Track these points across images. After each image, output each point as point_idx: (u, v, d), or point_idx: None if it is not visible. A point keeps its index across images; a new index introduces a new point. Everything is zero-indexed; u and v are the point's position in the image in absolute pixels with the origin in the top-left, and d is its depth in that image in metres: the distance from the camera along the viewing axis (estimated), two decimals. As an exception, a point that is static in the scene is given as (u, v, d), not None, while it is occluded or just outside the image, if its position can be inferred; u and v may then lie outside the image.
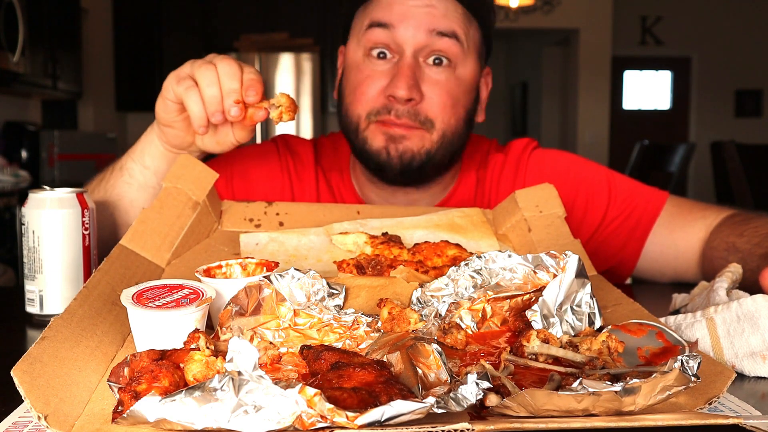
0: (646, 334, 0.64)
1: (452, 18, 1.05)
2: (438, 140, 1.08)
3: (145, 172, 1.07)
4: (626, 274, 1.22)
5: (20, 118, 4.60)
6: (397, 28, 1.05)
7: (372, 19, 1.07)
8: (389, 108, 1.06)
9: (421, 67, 1.06)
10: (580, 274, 0.67)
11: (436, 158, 1.10)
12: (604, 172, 1.23)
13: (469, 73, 1.10)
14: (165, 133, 1.01)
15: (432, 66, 1.06)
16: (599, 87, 7.19)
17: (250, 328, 0.65)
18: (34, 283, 0.89)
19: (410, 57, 1.05)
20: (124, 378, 0.53)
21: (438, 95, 1.06)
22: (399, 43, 1.05)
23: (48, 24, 4.37)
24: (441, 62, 1.06)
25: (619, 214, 1.19)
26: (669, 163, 4.08)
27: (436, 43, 1.05)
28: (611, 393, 0.48)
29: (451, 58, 1.06)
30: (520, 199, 1.00)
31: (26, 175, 3.82)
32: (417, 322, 0.66)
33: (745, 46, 8.16)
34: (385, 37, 1.06)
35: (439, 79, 1.06)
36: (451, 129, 1.09)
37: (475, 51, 1.11)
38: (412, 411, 0.45)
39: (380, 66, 1.07)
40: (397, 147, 1.07)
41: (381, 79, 1.06)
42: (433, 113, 1.06)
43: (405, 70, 1.04)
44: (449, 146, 1.11)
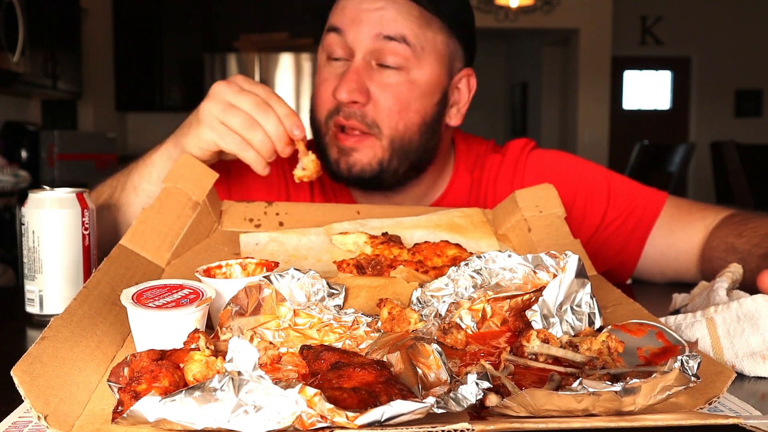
0: (646, 334, 0.64)
1: (403, 22, 1.04)
2: (388, 147, 1.07)
3: None
4: (627, 274, 1.22)
5: (20, 118, 4.60)
6: (347, 33, 1.05)
7: (329, 24, 1.08)
8: (339, 110, 1.06)
9: (371, 70, 1.06)
10: (580, 274, 0.67)
11: (390, 167, 1.08)
12: (603, 173, 1.22)
13: (426, 77, 1.07)
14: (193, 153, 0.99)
15: (382, 69, 1.06)
16: (599, 87, 7.19)
17: (250, 328, 0.65)
18: (34, 283, 0.89)
19: (359, 60, 1.05)
20: (124, 378, 0.53)
21: (385, 99, 1.05)
22: (350, 46, 1.06)
23: (48, 24, 4.37)
24: (390, 66, 1.05)
25: (618, 215, 1.19)
26: (669, 163, 4.08)
27: (384, 47, 1.04)
28: (611, 393, 0.48)
29: (401, 63, 1.05)
30: (520, 199, 1.00)
31: (26, 175, 3.82)
32: (417, 322, 0.66)
33: (745, 46, 8.16)
34: (338, 41, 1.06)
35: (389, 82, 1.05)
36: (400, 135, 1.07)
37: (434, 53, 1.08)
38: (412, 411, 0.45)
39: (335, 69, 1.08)
40: (347, 160, 1.08)
41: (333, 81, 1.07)
42: (379, 117, 1.06)
43: (349, 74, 1.04)
44: (402, 153, 1.08)
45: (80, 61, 4.96)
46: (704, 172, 7.30)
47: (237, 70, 5.64)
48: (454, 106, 1.15)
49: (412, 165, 1.11)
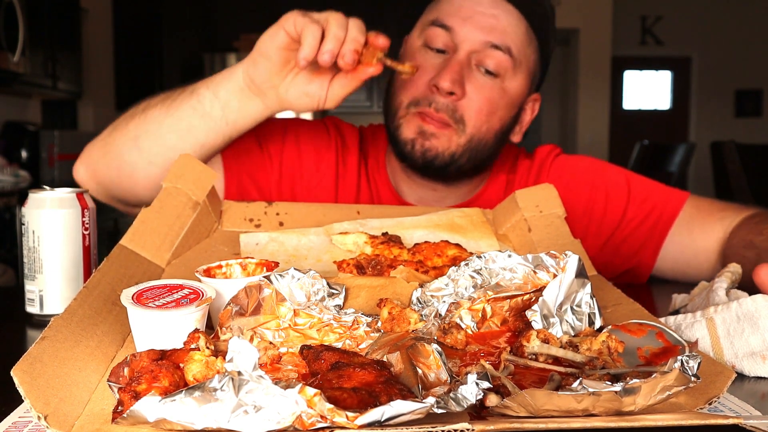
0: (646, 334, 0.64)
1: (512, 33, 1.08)
2: (465, 144, 1.10)
3: (215, 102, 1.04)
4: (645, 274, 1.21)
5: (20, 118, 4.60)
6: (457, 31, 1.08)
7: (437, 19, 1.10)
8: (430, 100, 1.08)
9: (470, 69, 1.09)
10: (580, 274, 0.67)
11: (459, 162, 1.12)
12: (624, 174, 1.24)
13: (516, 89, 1.12)
14: (257, 65, 0.99)
15: (479, 71, 1.09)
16: (599, 87, 7.19)
17: (250, 328, 0.65)
18: (34, 283, 0.89)
19: (463, 56, 1.08)
20: (124, 378, 0.53)
21: (478, 98, 1.08)
22: (455, 43, 1.08)
23: (48, 24, 4.36)
24: (489, 72, 1.09)
25: (638, 214, 1.19)
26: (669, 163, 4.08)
27: (489, 53, 1.08)
28: (611, 393, 0.48)
29: (500, 71, 1.09)
30: (520, 199, 1.00)
31: (26, 175, 3.82)
32: (417, 322, 0.66)
33: (745, 46, 8.16)
34: (444, 37, 1.09)
35: (484, 84, 1.09)
36: (480, 135, 1.11)
37: (527, 70, 1.13)
38: (412, 411, 0.45)
39: (433, 58, 1.10)
40: (423, 143, 1.10)
41: (430, 71, 1.09)
42: (468, 114, 1.09)
43: (454, 65, 1.07)
44: (475, 153, 1.12)
45: (80, 61, 4.96)
46: (704, 172, 7.29)
47: (237, 70, 5.64)
48: (518, 125, 1.20)
49: (475, 166, 1.15)
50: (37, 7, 4.14)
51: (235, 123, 1.06)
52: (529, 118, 1.22)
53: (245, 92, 1.03)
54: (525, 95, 1.17)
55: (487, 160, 1.17)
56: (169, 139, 1.05)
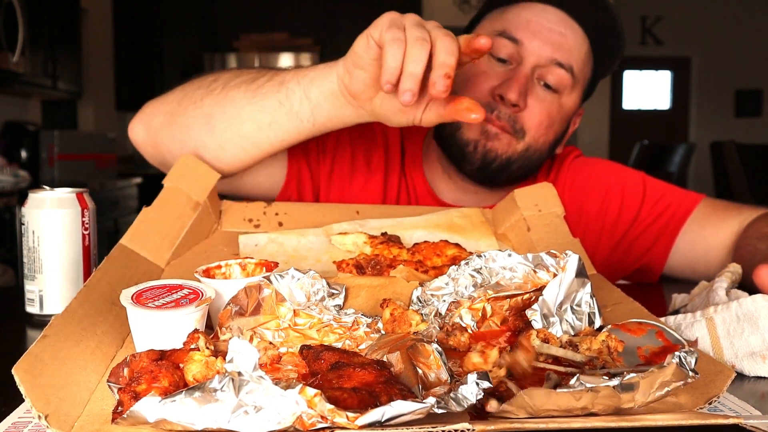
0: (646, 334, 0.64)
1: (576, 52, 1.11)
2: (522, 151, 1.13)
3: (304, 102, 0.96)
4: (657, 272, 1.22)
5: (20, 118, 4.60)
6: (525, 44, 1.09)
7: (505, 30, 1.11)
8: (492, 107, 1.09)
9: (533, 82, 1.11)
10: (580, 274, 0.67)
11: (513, 168, 1.14)
12: (639, 175, 1.26)
13: (571, 104, 1.15)
14: (351, 74, 0.90)
15: (541, 86, 1.11)
16: (599, 87, 7.14)
17: (250, 329, 0.65)
18: (33, 283, 0.89)
19: (528, 69, 1.09)
20: (124, 378, 0.53)
21: (539, 111, 1.10)
22: (521, 55, 1.10)
23: (48, 24, 4.36)
24: (549, 87, 1.11)
25: (651, 213, 1.21)
26: (669, 163, 4.08)
27: (552, 69, 1.10)
28: (609, 389, 0.48)
29: (560, 88, 1.11)
30: (519, 199, 1.00)
31: (26, 175, 3.82)
32: (419, 324, 0.66)
33: (745, 46, 8.16)
34: (510, 48, 1.10)
35: (545, 98, 1.11)
36: (537, 146, 1.13)
37: (582, 87, 1.16)
38: (412, 411, 0.45)
39: (497, 67, 1.11)
40: (486, 143, 1.11)
41: (494, 79, 1.10)
42: (528, 125, 1.11)
43: (520, 77, 1.08)
44: (528, 161, 1.15)
45: (80, 61, 4.96)
46: (704, 172, 7.29)
47: (237, 70, 5.64)
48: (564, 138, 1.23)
49: (522, 175, 1.18)
50: (37, 7, 4.14)
51: (323, 125, 0.99)
52: (572, 130, 1.24)
53: (339, 98, 0.95)
54: (574, 111, 1.19)
55: (535, 169, 1.19)
56: (246, 127, 0.99)
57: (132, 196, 4.90)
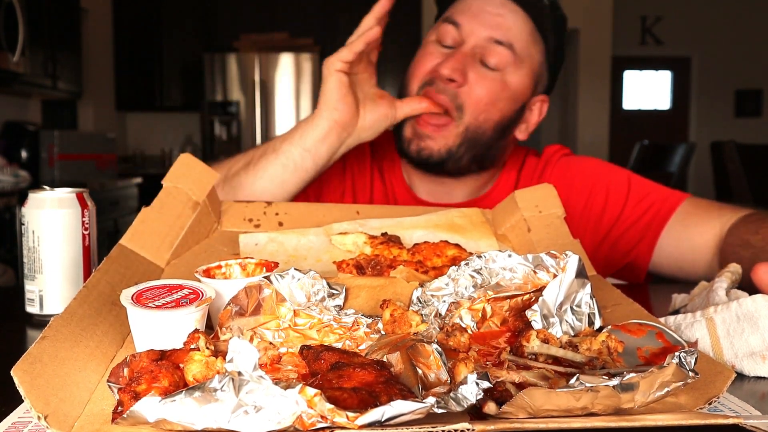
0: (646, 335, 0.65)
1: (516, 31, 1.16)
2: (462, 133, 1.16)
3: (306, 155, 1.12)
4: (642, 270, 1.23)
5: (20, 118, 4.60)
6: (464, 27, 1.16)
7: (449, 16, 1.19)
8: (433, 81, 1.16)
9: (474, 61, 1.15)
10: (580, 274, 0.67)
11: (457, 154, 1.18)
12: (625, 173, 1.28)
13: (517, 84, 1.18)
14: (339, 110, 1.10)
15: (483, 65, 1.16)
16: (599, 87, 7.18)
17: (250, 329, 0.65)
18: (34, 283, 0.89)
19: (468, 49, 1.15)
20: (124, 378, 0.53)
21: (478, 87, 1.15)
22: (463, 38, 1.17)
23: (48, 24, 4.37)
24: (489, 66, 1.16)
25: (635, 211, 1.22)
26: (669, 163, 4.08)
27: (491, 48, 1.15)
28: (609, 389, 0.48)
29: (501, 66, 1.16)
30: (520, 199, 1.00)
31: (26, 175, 3.82)
32: (419, 325, 0.66)
33: (745, 46, 8.16)
34: (453, 32, 1.17)
35: (485, 75, 1.15)
36: (477, 124, 1.16)
37: (530, 68, 1.19)
38: (412, 411, 0.45)
39: (442, 50, 1.19)
40: (419, 143, 1.18)
41: (438, 57, 1.18)
42: (467, 102, 1.15)
43: (457, 55, 1.15)
44: (473, 143, 1.18)
45: (80, 61, 4.96)
46: (704, 172, 7.29)
47: (237, 70, 5.64)
48: (524, 123, 1.26)
49: (475, 158, 1.21)
50: (37, 7, 4.14)
51: (324, 165, 1.15)
52: (537, 118, 1.26)
53: (332, 135, 1.11)
54: (528, 92, 1.21)
55: (488, 152, 1.21)
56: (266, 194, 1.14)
57: (132, 196, 4.90)
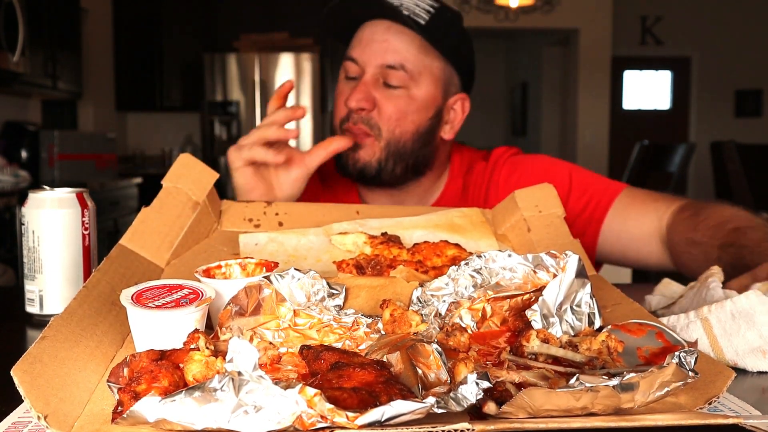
0: (646, 334, 0.65)
1: (403, 53, 1.23)
2: (384, 148, 1.24)
3: None
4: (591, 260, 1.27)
5: (20, 118, 4.60)
6: (360, 60, 1.25)
7: (348, 54, 1.28)
8: (349, 116, 1.25)
9: (379, 86, 1.24)
10: (580, 274, 0.67)
11: (387, 167, 1.26)
12: (567, 167, 1.33)
13: (423, 94, 1.25)
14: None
15: (387, 87, 1.24)
16: (599, 87, 7.18)
17: (250, 329, 0.65)
18: (33, 283, 0.89)
19: (369, 76, 1.24)
20: (124, 378, 0.53)
21: (387, 107, 1.23)
22: (363, 69, 1.25)
23: (48, 24, 4.36)
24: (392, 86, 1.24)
25: (578, 205, 1.28)
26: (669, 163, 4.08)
27: (387, 72, 1.24)
28: (609, 389, 0.48)
29: (401, 84, 1.24)
30: (520, 199, 1.00)
31: (26, 175, 3.82)
32: (419, 325, 0.66)
33: (745, 46, 8.16)
34: (354, 67, 1.26)
35: (390, 95, 1.24)
36: (395, 138, 1.24)
37: (430, 76, 1.26)
38: (412, 411, 0.45)
39: (350, 85, 1.28)
40: (353, 155, 1.25)
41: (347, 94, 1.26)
42: (381, 122, 1.24)
43: (359, 86, 1.23)
44: (397, 155, 1.25)
45: (80, 61, 4.96)
46: (704, 172, 7.29)
47: (237, 70, 5.64)
48: (448, 124, 1.32)
49: (408, 167, 1.27)
50: (37, 7, 4.14)
51: None
52: (461, 116, 1.33)
53: None
54: (439, 98, 1.28)
55: (419, 159, 1.28)
56: None
57: (132, 196, 4.90)
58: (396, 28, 1.24)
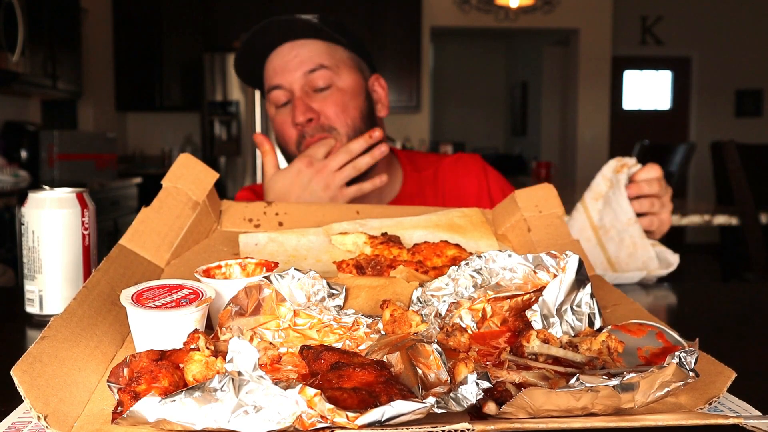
0: (646, 335, 0.64)
1: (317, 56, 1.34)
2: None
3: None
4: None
5: (20, 118, 4.60)
6: (284, 84, 1.34)
7: (269, 85, 1.37)
8: (304, 134, 1.33)
9: (310, 96, 1.34)
10: (580, 274, 0.67)
11: None
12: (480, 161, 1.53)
13: (348, 83, 1.36)
14: None
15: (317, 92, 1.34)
16: (599, 87, 7.18)
17: (250, 329, 0.65)
18: (33, 283, 0.89)
19: (299, 92, 1.33)
20: (124, 378, 0.53)
21: (328, 107, 1.33)
22: (290, 89, 1.35)
23: (48, 24, 4.36)
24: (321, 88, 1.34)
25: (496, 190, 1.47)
26: (669, 163, 4.07)
27: (311, 77, 1.33)
28: (609, 389, 0.48)
29: (327, 82, 1.34)
30: (520, 199, 1.00)
31: (26, 175, 3.82)
32: (419, 325, 0.66)
33: (745, 46, 8.16)
34: (281, 93, 1.35)
35: (325, 96, 1.34)
36: (351, 128, 1.34)
37: (346, 66, 1.37)
38: (412, 411, 0.45)
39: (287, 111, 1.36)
40: None
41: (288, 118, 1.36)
42: (332, 122, 1.33)
43: (297, 103, 1.33)
44: None
45: (80, 61, 4.96)
46: (704, 172, 7.29)
47: (237, 70, 5.64)
48: (379, 102, 1.43)
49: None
50: (37, 7, 4.14)
51: None
52: (384, 92, 1.45)
53: None
54: (361, 82, 1.39)
55: None
56: None
57: (132, 196, 4.90)
58: (298, 44, 1.35)
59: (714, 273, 6.20)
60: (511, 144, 9.69)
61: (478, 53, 9.79)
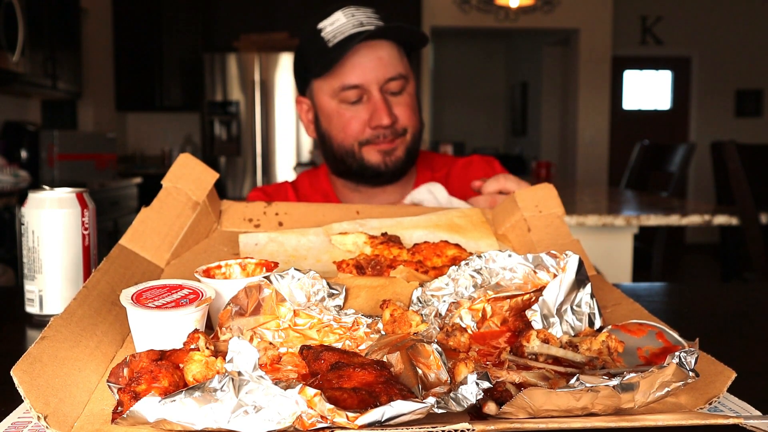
0: (646, 334, 0.64)
1: (395, 63, 1.38)
2: (411, 140, 1.42)
3: None
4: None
5: (20, 118, 4.60)
6: (363, 84, 1.36)
7: (344, 84, 1.36)
8: (378, 134, 1.37)
9: (387, 98, 1.38)
10: (580, 274, 0.67)
11: (411, 153, 1.43)
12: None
13: (413, 88, 1.45)
14: None
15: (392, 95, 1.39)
16: (599, 87, 7.18)
17: (250, 329, 0.65)
18: (33, 283, 0.89)
19: (378, 94, 1.36)
20: (124, 378, 0.53)
21: (404, 112, 1.40)
22: (367, 90, 1.37)
23: (48, 24, 4.36)
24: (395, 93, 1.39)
25: None
26: (669, 163, 4.07)
27: (390, 85, 1.37)
28: (609, 389, 0.48)
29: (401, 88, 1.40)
30: (520, 199, 1.00)
31: (26, 175, 3.82)
32: (419, 325, 0.66)
33: (745, 46, 8.15)
34: (357, 93, 1.37)
35: (400, 101, 1.40)
36: (417, 128, 1.44)
37: (411, 74, 1.43)
38: (412, 411, 0.45)
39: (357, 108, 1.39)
40: (390, 159, 1.40)
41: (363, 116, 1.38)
42: (405, 125, 1.40)
43: (380, 105, 1.36)
44: (417, 142, 1.45)
45: (80, 61, 4.96)
46: (704, 172, 7.29)
47: (237, 70, 5.64)
48: None
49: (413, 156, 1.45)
50: (37, 7, 4.14)
51: None
52: None
53: None
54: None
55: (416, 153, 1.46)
56: None
57: (132, 196, 4.90)
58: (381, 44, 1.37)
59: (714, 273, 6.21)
60: (511, 144, 9.69)
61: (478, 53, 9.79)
